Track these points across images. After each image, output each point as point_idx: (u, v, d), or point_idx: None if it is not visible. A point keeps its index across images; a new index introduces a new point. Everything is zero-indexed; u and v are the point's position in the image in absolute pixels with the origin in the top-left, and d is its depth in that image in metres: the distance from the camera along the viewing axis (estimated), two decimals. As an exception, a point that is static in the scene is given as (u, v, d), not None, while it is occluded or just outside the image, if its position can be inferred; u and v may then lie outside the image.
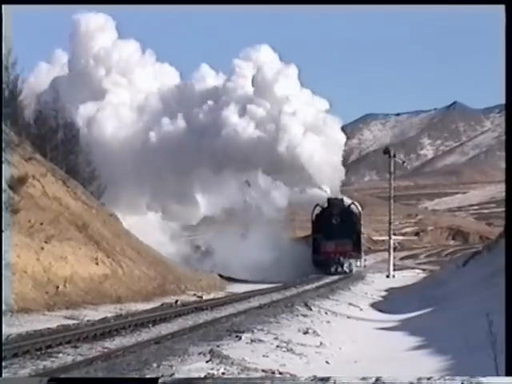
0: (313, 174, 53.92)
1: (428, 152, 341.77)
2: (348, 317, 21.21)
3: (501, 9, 11.96)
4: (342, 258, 49.74)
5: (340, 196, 54.85)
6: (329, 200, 52.70)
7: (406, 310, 23.33)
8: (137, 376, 10.19)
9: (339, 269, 49.06)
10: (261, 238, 54.02)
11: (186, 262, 49.95)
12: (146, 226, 54.06)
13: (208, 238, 66.02)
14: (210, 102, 57.91)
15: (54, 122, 46.13)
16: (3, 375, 10.41)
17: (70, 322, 18.15)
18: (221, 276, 44.42)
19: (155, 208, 59.92)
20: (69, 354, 12.58)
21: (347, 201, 55.47)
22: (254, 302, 23.25)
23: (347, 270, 49.17)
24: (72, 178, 36.26)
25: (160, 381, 9.76)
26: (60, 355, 12.45)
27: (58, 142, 45.56)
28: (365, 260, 58.70)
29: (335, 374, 10.20)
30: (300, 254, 51.71)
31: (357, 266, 51.50)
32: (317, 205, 52.94)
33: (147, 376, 10.19)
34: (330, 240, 50.17)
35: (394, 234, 65.68)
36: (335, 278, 42.49)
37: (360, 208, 58.64)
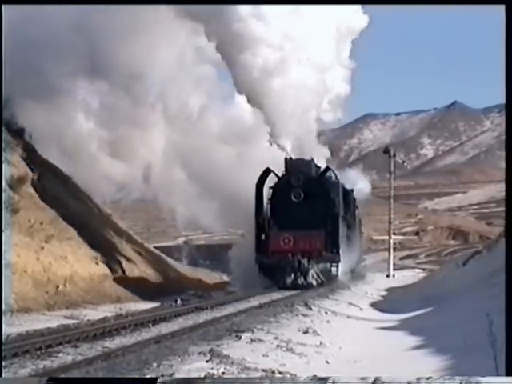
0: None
1: (428, 152, 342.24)
2: (348, 316, 21.20)
3: (501, 9, 11.96)
4: (305, 262, 29.39)
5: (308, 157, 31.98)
6: (286, 162, 31.02)
7: (406, 310, 23.34)
8: (137, 376, 10.19)
9: (300, 279, 29.31)
10: None
11: None
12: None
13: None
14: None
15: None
16: (3, 375, 10.41)
17: (70, 321, 18.17)
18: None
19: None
20: (69, 354, 12.58)
21: (319, 165, 33.13)
22: (254, 302, 23.24)
23: (313, 282, 29.49)
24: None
25: (160, 380, 9.76)
26: (60, 355, 12.45)
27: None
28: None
29: (335, 373, 10.20)
30: None
31: (335, 275, 31.25)
32: (266, 170, 31.02)
33: (147, 376, 10.18)
34: (286, 230, 29.93)
35: (394, 234, 65.73)
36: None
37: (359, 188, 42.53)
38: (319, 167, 32.37)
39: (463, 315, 18.22)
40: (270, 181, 31.28)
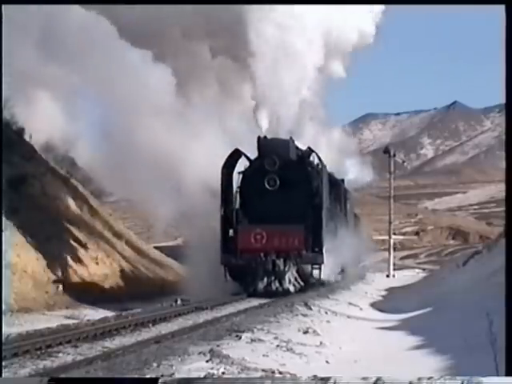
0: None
1: (428, 151, 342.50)
2: (348, 316, 21.20)
3: (501, 9, 11.97)
4: (280, 263, 24.60)
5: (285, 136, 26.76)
6: (259, 142, 25.60)
7: (406, 310, 23.33)
8: (137, 376, 10.19)
9: (274, 285, 24.79)
10: None
11: None
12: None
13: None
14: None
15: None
16: (3, 375, 10.41)
17: (70, 321, 18.17)
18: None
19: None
20: (69, 354, 12.58)
21: (300, 146, 27.18)
22: (254, 302, 23.23)
23: (291, 288, 25.09)
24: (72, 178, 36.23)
25: (160, 381, 9.76)
26: (60, 355, 12.44)
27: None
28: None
29: (335, 373, 10.20)
30: None
31: (314, 279, 25.88)
32: (235, 151, 25.78)
33: (147, 376, 10.18)
34: (259, 224, 24.95)
35: (394, 234, 65.78)
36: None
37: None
38: (300, 149, 26.78)
39: (463, 315, 18.22)
40: (240, 165, 26.09)
